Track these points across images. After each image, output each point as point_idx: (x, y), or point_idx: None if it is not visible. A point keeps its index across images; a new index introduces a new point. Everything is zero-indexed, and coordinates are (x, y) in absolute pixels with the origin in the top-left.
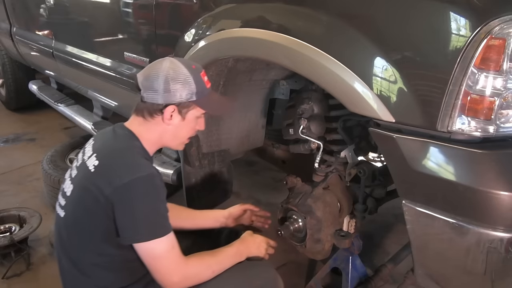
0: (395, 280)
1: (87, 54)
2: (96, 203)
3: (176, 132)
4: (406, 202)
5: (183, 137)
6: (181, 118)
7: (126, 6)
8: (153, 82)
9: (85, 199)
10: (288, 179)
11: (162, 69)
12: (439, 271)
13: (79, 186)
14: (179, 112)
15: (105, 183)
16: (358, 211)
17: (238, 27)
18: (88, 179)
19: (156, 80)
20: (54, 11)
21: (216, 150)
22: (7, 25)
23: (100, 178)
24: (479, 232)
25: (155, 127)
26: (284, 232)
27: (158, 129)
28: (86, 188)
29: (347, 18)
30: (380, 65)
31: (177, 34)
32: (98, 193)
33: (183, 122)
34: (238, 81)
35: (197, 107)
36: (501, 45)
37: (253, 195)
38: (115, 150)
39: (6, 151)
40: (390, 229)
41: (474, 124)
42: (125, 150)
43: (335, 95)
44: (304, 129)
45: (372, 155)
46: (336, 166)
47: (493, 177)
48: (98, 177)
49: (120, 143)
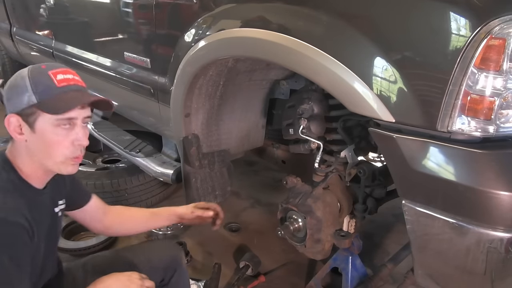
0: (395, 280)
1: (87, 54)
2: None
3: (40, 148)
4: (406, 202)
5: (56, 155)
6: (30, 130)
7: (126, 6)
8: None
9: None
10: (288, 179)
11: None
12: (439, 271)
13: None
14: (26, 122)
15: None
16: (358, 211)
17: (238, 27)
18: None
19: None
20: (54, 11)
21: (216, 150)
22: (7, 25)
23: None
24: (479, 232)
25: (19, 147)
26: (284, 232)
27: (21, 149)
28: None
29: (347, 18)
30: (380, 65)
31: (177, 34)
32: None
33: (35, 135)
34: (238, 81)
35: (43, 112)
36: (501, 45)
37: (253, 195)
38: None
39: None
40: (390, 229)
41: (474, 124)
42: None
43: (335, 95)
44: (304, 129)
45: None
46: (336, 166)
47: (493, 177)
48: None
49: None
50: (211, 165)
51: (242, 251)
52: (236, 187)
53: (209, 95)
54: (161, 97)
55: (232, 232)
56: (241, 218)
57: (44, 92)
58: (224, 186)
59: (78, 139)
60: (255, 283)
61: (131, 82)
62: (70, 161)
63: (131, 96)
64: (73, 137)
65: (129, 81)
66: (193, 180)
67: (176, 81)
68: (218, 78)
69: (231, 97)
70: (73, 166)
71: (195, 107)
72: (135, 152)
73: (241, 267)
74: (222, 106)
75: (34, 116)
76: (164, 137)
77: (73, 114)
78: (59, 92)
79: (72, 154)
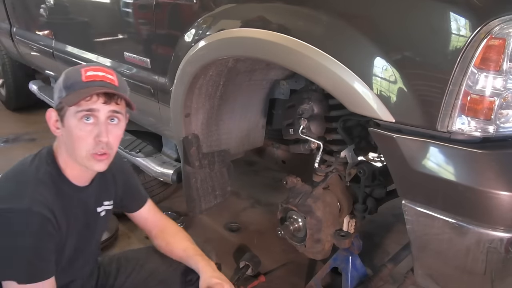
0: (395, 280)
1: (87, 54)
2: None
3: (68, 143)
4: (406, 202)
5: (80, 150)
6: (62, 124)
7: (126, 6)
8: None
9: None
10: (288, 179)
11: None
12: (439, 271)
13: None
14: (60, 117)
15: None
16: (358, 211)
17: (238, 27)
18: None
19: None
20: (54, 11)
21: (216, 150)
22: (7, 25)
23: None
24: (479, 232)
25: (59, 142)
26: (284, 232)
27: (60, 144)
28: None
29: (347, 18)
30: (380, 65)
31: (177, 34)
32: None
33: (65, 129)
34: (238, 81)
35: (67, 106)
36: (501, 45)
37: (253, 195)
38: (8, 172)
39: (6, 151)
40: (390, 229)
41: (474, 124)
42: (17, 173)
43: (335, 95)
44: (304, 129)
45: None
46: (336, 166)
47: (493, 177)
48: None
49: (21, 164)
50: (211, 165)
51: (242, 251)
52: (236, 187)
53: (209, 95)
54: (161, 97)
55: (232, 232)
56: (241, 218)
57: (70, 87)
58: (224, 186)
59: (98, 134)
60: (255, 283)
61: (131, 82)
62: (94, 157)
63: (131, 96)
64: (95, 133)
65: (129, 81)
66: (193, 180)
67: (176, 81)
68: (218, 78)
69: (231, 97)
70: (100, 163)
71: (195, 107)
72: (135, 152)
73: (241, 267)
74: (222, 106)
75: (64, 111)
76: (164, 137)
77: (93, 106)
78: (83, 86)
79: (93, 150)
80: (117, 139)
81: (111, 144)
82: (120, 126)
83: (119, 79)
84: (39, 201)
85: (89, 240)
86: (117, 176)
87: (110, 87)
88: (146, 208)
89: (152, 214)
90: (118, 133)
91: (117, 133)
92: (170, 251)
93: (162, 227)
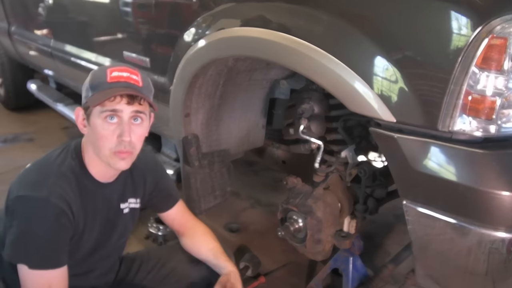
0: (396, 281)
1: (86, 53)
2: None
3: (93, 141)
4: (407, 203)
5: (103, 148)
6: (88, 123)
7: (125, 5)
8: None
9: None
10: (288, 179)
11: None
12: (440, 272)
13: None
14: (87, 116)
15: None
16: (359, 212)
17: (238, 26)
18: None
19: None
20: (52, 10)
21: (216, 150)
22: (5, 24)
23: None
24: (480, 232)
25: (86, 138)
26: (284, 233)
27: (87, 141)
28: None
29: (348, 17)
30: (381, 64)
31: (177, 34)
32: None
33: (91, 128)
34: (238, 81)
35: (93, 106)
36: (502, 44)
37: (253, 195)
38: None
39: (4, 151)
40: (391, 230)
41: (476, 124)
42: (42, 164)
43: (336, 95)
44: (304, 129)
45: (372, 155)
46: (337, 166)
47: (494, 177)
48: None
49: (49, 156)
50: (211, 165)
51: (242, 252)
52: (236, 187)
53: (209, 95)
54: (160, 97)
55: (232, 233)
56: (241, 218)
57: (96, 87)
58: (224, 186)
59: (120, 134)
60: (255, 284)
61: None
62: (116, 156)
63: None
64: (118, 132)
65: None
66: (192, 180)
67: (175, 81)
68: (218, 78)
69: (231, 97)
70: (122, 161)
71: (194, 107)
72: None
73: (241, 268)
74: (222, 106)
75: (89, 110)
76: (164, 137)
77: (117, 106)
78: (107, 87)
79: (115, 148)
80: (140, 139)
81: (134, 143)
82: (144, 126)
83: (144, 79)
84: (58, 193)
85: (109, 235)
86: (148, 176)
87: (134, 88)
88: (174, 209)
89: (180, 216)
90: (141, 133)
91: (140, 132)
92: (196, 251)
93: (190, 227)
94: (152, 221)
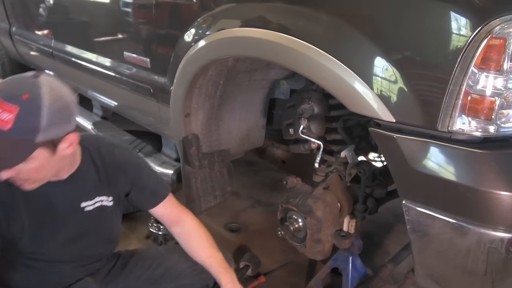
0: (396, 280)
1: (87, 53)
2: None
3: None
4: (406, 202)
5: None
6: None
7: (126, 6)
8: None
9: None
10: (288, 179)
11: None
12: (440, 272)
13: None
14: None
15: None
16: (359, 211)
17: (238, 27)
18: None
19: None
20: (53, 10)
21: (216, 150)
22: (6, 25)
23: None
24: (479, 232)
25: None
26: (284, 232)
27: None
28: None
29: (347, 17)
30: (381, 65)
31: (177, 34)
32: None
33: None
34: (238, 81)
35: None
36: (501, 44)
37: (253, 195)
38: None
39: None
40: (391, 229)
41: (475, 124)
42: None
43: (335, 95)
44: (304, 129)
45: (372, 155)
46: (336, 166)
47: (493, 177)
48: None
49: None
50: (211, 165)
51: (242, 251)
52: (236, 187)
53: (209, 95)
54: (160, 97)
55: (232, 232)
56: (241, 218)
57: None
58: (224, 186)
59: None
60: (255, 283)
61: (131, 81)
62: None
63: (130, 96)
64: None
65: (128, 81)
66: (193, 180)
67: (176, 81)
68: (218, 78)
69: (231, 97)
70: (24, 185)
71: (195, 107)
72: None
73: (241, 268)
74: (222, 106)
75: None
76: (164, 137)
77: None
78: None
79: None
80: (28, 172)
81: (15, 178)
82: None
83: (24, 117)
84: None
85: (59, 230)
86: (121, 174)
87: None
88: (162, 206)
89: (169, 210)
90: (17, 171)
91: (13, 172)
92: (191, 253)
93: (180, 223)
94: (152, 221)
